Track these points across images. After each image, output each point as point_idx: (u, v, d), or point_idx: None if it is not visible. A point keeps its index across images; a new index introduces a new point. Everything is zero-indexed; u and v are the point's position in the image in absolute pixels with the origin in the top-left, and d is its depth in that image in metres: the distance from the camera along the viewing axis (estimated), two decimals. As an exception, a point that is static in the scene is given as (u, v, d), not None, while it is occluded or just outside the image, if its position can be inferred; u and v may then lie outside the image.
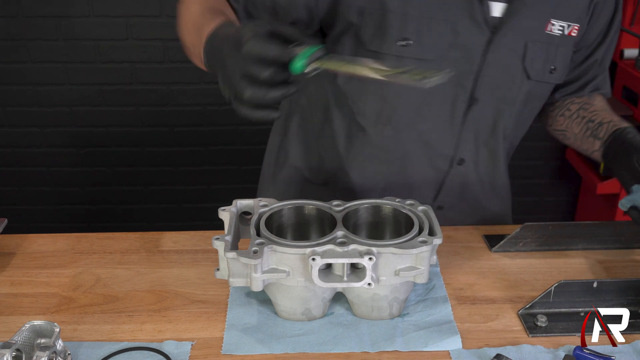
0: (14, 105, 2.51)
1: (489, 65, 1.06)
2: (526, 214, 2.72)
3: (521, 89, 1.10)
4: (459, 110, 1.09)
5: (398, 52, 1.03)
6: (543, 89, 1.14)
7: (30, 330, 0.79)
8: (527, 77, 1.09)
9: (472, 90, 1.08)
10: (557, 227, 1.08)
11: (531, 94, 1.12)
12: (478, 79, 1.07)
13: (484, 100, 1.09)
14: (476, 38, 1.04)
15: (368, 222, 0.97)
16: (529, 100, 1.13)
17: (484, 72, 1.07)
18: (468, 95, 1.08)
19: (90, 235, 1.14)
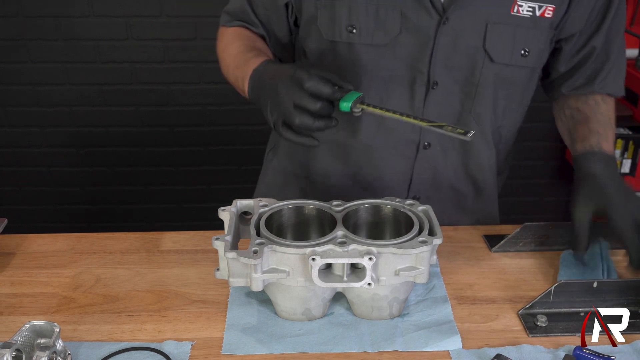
0: (14, 105, 2.51)
1: (443, 48, 1.06)
2: (526, 214, 2.72)
3: (485, 72, 1.08)
4: (419, 95, 1.09)
5: (348, 39, 1.06)
6: (518, 74, 1.11)
7: (30, 330, 0.79)
8: (490, 59, 1.07)
9: (429, 74, 1.08)
10: (557, 227, 1.08)
11: (501, 77, 1.10)
12: (433, 63, 1.07)
13: (445, 84, 1.09)
14: (425, 21, 1.04)
15: (368, 222, 0.97)
16: (501, 84, 1.10)
17: (439, 55, 1.06)
18: (425, 78, 1.08)
19: (90, 235, 1.14)
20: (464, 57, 1.07)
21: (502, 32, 1.05)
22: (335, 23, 1.07)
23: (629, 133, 2.20)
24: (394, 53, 1.07)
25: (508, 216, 2.86)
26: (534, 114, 2.58)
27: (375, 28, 1.05)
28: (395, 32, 1.05)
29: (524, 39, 1.07)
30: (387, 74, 1.08)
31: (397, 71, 1.08)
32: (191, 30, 2.39)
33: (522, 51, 1.08)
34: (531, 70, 1.12)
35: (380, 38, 1.06)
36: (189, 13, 2.35)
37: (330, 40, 1.09)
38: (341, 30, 1.07)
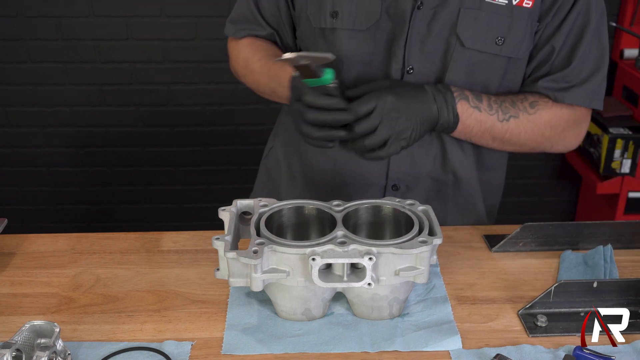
0: (14, 105, 2.51)
1: (418, 32, 1.07)
2: (526, 214, 2.72)
3: (457, 58, 1.08)
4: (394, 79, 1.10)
5: (332, 24, 1.09)
6: (492, 62, 1.10)
7: (30, 330, 0.79)
8: (461, 44, 1.07)
9: (404, 59, 1.09)
10: (557, 227, 1.08)
11: (474, 64, 1.09)
12: (408, 47, 1.08)
13: (420, 70, 1.09)
14: (403, 6, 1.06)
15: (368, 222, 0.97)
16: (474, 71, 1.10)
17: (413, 40, 1.07)
18: (401, 63, 1.09)
19: (90, 235, 1.14)
20: (438, 42, 1.08)
21: (475, 18, 1.06)
22: (321, 10, 1.10)
23: (629, 133, 2.19)
24: (373, 38, 1.08)
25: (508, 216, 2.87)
26: (534, 114, 2.58)
27: (357, 13, 1.08)
28: (376, 17, 1.07)
29: (499, 27, 1.07)
30: (367, 58, 1.10)
31: (375, 56, 1.10)
32: (191, 30, 2.39)
33: (496, 39, 1.07)
34: (508, 59, 1.10)
35: (362, 23, 1.08)
36: (189, 13, 2.35)
37: (318, 27, 1.12)
38: (326, 16, 1.09)
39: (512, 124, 1.09)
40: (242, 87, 1.58)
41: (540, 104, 1.12)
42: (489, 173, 1.25)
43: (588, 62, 1.11)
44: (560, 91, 1.11)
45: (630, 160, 2.22)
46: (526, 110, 1.10)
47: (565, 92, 1.11)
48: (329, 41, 1.11)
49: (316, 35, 1.13)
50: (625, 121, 2.25)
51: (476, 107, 1.07)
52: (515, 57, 1.10)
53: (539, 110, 1.11)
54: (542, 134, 1.13)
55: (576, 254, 1.05)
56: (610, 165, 2.24)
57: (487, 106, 1.08)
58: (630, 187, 2.27)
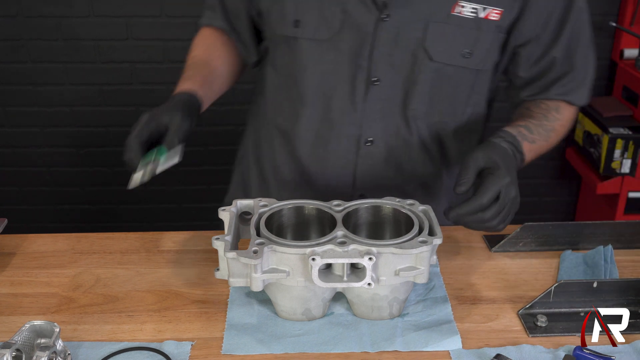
0: (14, 105, 2.51)
1: (384, 44, 1.07)
2: (526, 214, 2.70)
3: (425, 70, 1.08)
4: (360, 90, 1.10)
5: (294, 33, 1.09)
6: (459, 74, 1.10)
7: (30, 330, 0.79)
8: (429, 58, 1.07)
9: (369, 70, 1.09)
10: (557, 227, 1.08)
11: (442, 76, 1.09)
12: (373, 59, 1.08)
13: (387, 81, 1.09)
14: (366, 18, 1.06)
15: (368, 222, 0.97)
16: (440, 83, 1.10)
17: (379, 51, 1.07)
18: (366, 74, 1.09)
19: (90, 235, 1.14)
20: (405, 54, 1.08)
21: (442, 32, 1.06)
22: (284, 18, 1.10)
23: (629, 133, 2.19)
24: (335, 48, 1.08)
25: (508, 216, 2.85)
26: (534, 114, 2.58)
27: (318, 23, 1.07)
28: (336, 27, 1.07)
29: (466, 40, 1.07)
30: (329, 68, 1.10)
31: (338, 66, 1.10)
32: (191, 30, 2.35)
33: (463, 52, 1.08)
34: (475, 72, 1.12)
35: (323, 33, 1.08)
36: (189, 13, 2.35)
37: (280, 34, 1.12)
38: (288, 24, 1.09)
39: (553, 138, 1.15)
40: (242, 87, 1.58)
41: (562, 107, 1.16)
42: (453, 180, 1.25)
43: (589, 59, 1.16)
44: (572, 94, 1.16)
45: (630, 160, 2.22)
46: (557, 119, 1.15)
47: (576, 94, 1.16)
48: (291, 49, 1.11)
49: (279, 41, 1.14)
50: (625, 121, 2.25)
51: (533, 141, 1.10)
52: (482, 69, 1.12)
53: (564, 114, 1.17)
54: (565, 133, 1.20)
55: (576, 254, 1.06)
56: (610, 165, 2.24)
57: (538, 134, 1.11)
58: (630, 187, 2.27)
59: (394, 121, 1.13)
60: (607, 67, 2.48)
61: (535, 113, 1.14)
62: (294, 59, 1.12)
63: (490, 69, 1.15)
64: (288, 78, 1.15)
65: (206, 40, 1.24)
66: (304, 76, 1.12)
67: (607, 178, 2.28)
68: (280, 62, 1.16)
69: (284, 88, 1.17)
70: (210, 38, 1.24)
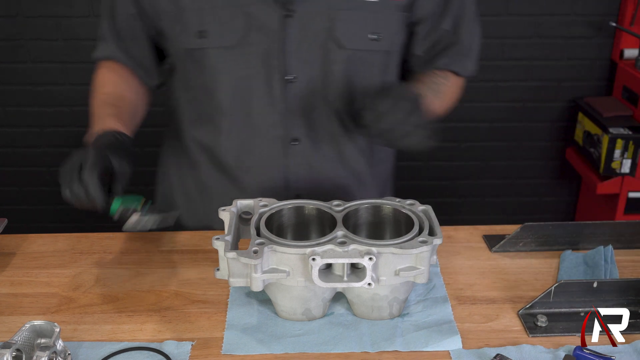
0: (14, 105, 2.50)
1: (293, 40, 1.07)
2: (526, 214, 2.72)
3: (337, 60, 1.09)
4: (277, 90, 1.10)
5: (200, 44, 1.08)
6: (371, 58, 1.12)
7: (30, 330, 0.79)
8: (339, 46, 1.08)
9: (282, 68, 1.08)
10: (557, 227, 1.08)
11: (354, 63, 1.10)
12: (285, 56, 1.07)
13: (302, 76, 1.09)
14: (270, 17, 1.05)
15: (368, 222, 0.97)
16: (355, 69, 1.11)
17: (290, 48, 1.07)
18: (280, 73, 1.09)
19: (90, 235, 1.14)
20: (316, 47, 1.08)
21: (349, 18, 1.06)
22: (187, 31, 1.08)
23: (629, 133, 2.19)
24: (245, 52, 1.08)
25: (508, 216, 2.87)
26: (534, 114, 2.59)
27: (223, 30, 1.06)
28: (242, 31, 1.06)
29: (374, 23, 1.08)
30: (243, 73, 1.09)
31: (252, 70, 1.09)
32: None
33: (372, 35, 1.09)
34: (385, 53, 1.13)
35: (230, 39, 1.07)
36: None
37: (186, 48, 1.10)
38: (193, 36, 1.08)
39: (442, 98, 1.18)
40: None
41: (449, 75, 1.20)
42: (380, 166, 1.27)
43: (474, 33, 1.19)
44: (457, 65, 1.19)
45: (630, 160, 2.22)
46: (443, 83, 1.19)
47: (461, 64, 1.20)
48: (200, 61, 1.09)
49: (183, 55, 1.11)
50: (625, 121, 2.25)
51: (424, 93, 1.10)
52: (391, 50, 1.13)
53: (449, 80, 1.20)
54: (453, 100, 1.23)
55: (576, 254, 1.06)
56: (610, 165, 2.24)
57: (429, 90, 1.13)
58: (630, 187, 2.27)
59: (316, 116, 1.13)
60: (607, 67, 2.48)
61: (423, 78, 1.18)
62: (204, 71, 1.10)
63: (398, 50, 1.16)
64: (201, 91, 1.13)
65: (111, 76, 1.18)
66: (218, 86, 1.11)
67: (607, 178, 2.28)
68: (191, 76, 1.13)
69: (199, 102, 1.16)
70: (112, 73, 1.19)
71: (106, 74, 1.19)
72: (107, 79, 1.18)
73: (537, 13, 2.38)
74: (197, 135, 1.18)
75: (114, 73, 1.19)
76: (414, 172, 2.63)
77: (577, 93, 2.51)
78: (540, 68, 2.47)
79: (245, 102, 1.11)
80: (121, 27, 1.15)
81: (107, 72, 1.19)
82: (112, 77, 1.18)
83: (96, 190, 0.88)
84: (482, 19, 1.20)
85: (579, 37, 2.43)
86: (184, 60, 1.12)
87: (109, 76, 1.18)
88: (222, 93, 1.11)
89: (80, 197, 0.89)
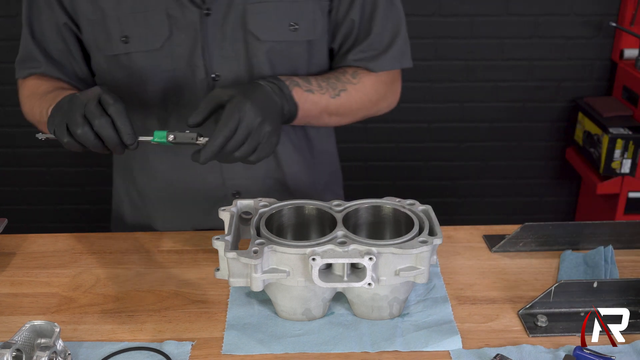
0: (14, 105, 2.49)
1: (213, 39, 1.07)
2: (526, 214, 2.72)
3: (258, 54, 1.09)
4: (201, 89, 1.10)
5: (125, 50, 1.08)
6: (292, 49, 1.11)
7: (30, 330, 0.79)
8: (257, 39, 1.08)
9: (206, 68, 1.08)
10: (557, 227, 1.08)
11: (276, 55, 1.10)
12: (207, 56, 1.07)
13: (226, 74, 1.09)
14: (190, 17, 1.06)
15: (368, 222, 0.97)
16: (278, 62, 1.10)
17: (211, 47, 1.07)
18: (204, 72, 1.09)
19: (90, 235, 1.14)
20: (236, 43, 1.08)
21: (263, 10, 1.06)
22: (110, 37, 1.08)
23: (629, 133, 2.19)
24: (170, 54, 1.08)
25: (508, 216, 2.86)
26: (534, 114, 2.59)
27: (146, 34, 1.06)
28: (165, 34, 1.06)
29: (289, 13, 1.08)
30: (169, 75, 1.09)
31: (177, 71, 1.09)
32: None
33: (289, 26, 1.08)
34: (307, 43, 1.12)
35: (154, 42, 1.07)
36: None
37: (110, 55, 1.09)
38: (117, 42, 1.07)
39: (343, 97, 1.12)
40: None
41: (360, 73, 1.15)
42: (321, 159, 1.27)
43: (387, 27, 1.15)
44: (370, 61, 1.15)
45: (630, 160, 2.22)
46: (350, 82, 1.14)
47: (375, 61, 1.15)
48: (124, 66, 1.10)
49: (110, 62, 1.11)
50: (625, 121, 2.25)
51: (309, 90, 1.07)
52: (313, 39, 1.12)
53: (362, 79, 1.15)
54: (370, 99, 1.17)
55: (576, 254, 1.06)
56: (610, 165, 2.24)
57: (318, 86, 1.09)
58: (630, 187, 2.27)
59: None
60: (607, 67, 2.48)
61: (327, 74, 1.14)
62: (132, 76, 1.10)
63: (323, 38, 1.14)
64: (129, 96, 1.12)
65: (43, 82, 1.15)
66: (146, 90, 1.11)
67: (607, 178, 2.28)
68: (118, 83, 1.13)
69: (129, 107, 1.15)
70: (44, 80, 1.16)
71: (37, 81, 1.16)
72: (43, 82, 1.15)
73: (537, 13, 2.38)
74: None
75: (47, 80, 1.15)
76: (414, 172, 2.63)
77: (577, 93, 2.51)
78: (540, 68, 2.47)
79: (174, 104, 1.12)
80: (49, 40, 1.15)
81: (38, 80, 1.16)
82: (47, 81, 1.15)
83: (126, 120, 0.87)
84: (482, 19, 1.19)
85: (579, 37, 2.43)
86: (110, 67, 1.12)
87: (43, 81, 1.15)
88: (150, 96, 1.11)
89: (106, 133, 0.86)
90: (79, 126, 0.86)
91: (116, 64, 1.10)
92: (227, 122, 0.89)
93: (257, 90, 0.98)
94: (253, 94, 0.96)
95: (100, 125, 0.86)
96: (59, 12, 1.11)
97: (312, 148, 1.24)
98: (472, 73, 2.47)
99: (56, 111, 0.92)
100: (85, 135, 0.86)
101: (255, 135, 0.92)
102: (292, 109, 1.04)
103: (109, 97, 0.88)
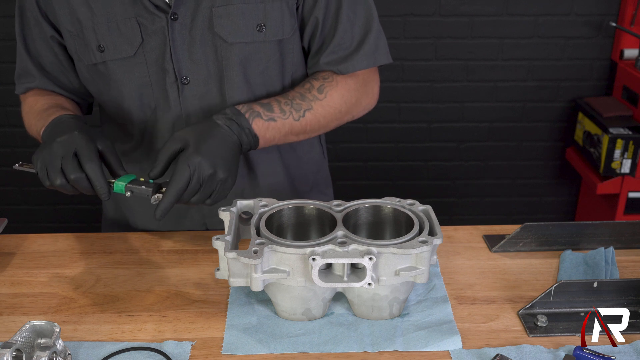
0: (14, 105, 2.50)
1: (182, 43, 1.07)
2: (526, 214, 2.72)
3: (228, 56, 1.09)
4: (172, 93, 1.10)
5: (102, 58, 1.09)
6: (262, 50, 1.10)
7: (30, 330, 0.79)
8: (224, 41, 1.08)
9: (176, 72, 1.09)
10: (557, 227, 1.08)
11: (247, 57, 1.09)
12: (175, 59, 1.08)
13: (196, 77, 1.10)
14: (158, 23, 1.06)
15: (368, 222, 0.97)
16: (250, 64, 1.10)
17: (179, 51, 1.08)
18: (173, 76, 1.09)
19: (90, 235, 1.14)
20: (204, 47, 1.08)
21: (228, 13, 1.06)
22: (88, 47, 1.09)
23: (629, 133, 2.19)
24: (144, 60, 1.09)
25: (508, 216, 2.87)
26: (534, 114, 2.59)
27: (120, 42, 1.07)
28: (138, 41, 1.07)
29: (255, 14, 1.07)
30: (144, 80, 1.10)
31: (151, 76, 1.10)
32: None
33: (257, 27, 1.08)
34: (277, 43, 1.11)
35: (128, 50, 1.08)
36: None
37: (90, 64, 1.11)
38: (94, 52, 1.09)
39: (308, 117, 1.11)
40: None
41: (326, 86, 1.13)
42: (307, 167, 1.27)
43: (356, 24, 1.12)
44: (342, 63, 1.12)
45: (630, 160, 2.22)
46: (316, 98, 1.12)
47: (347, 61, 1.12)
48: (103, 74, 1.11)
49: (90, 71, 1.13)
50: (625, 121, 2.25)
51: (270, 119, 1.06)
52: (282, 38, 1.11)
53: (328, 93, 1.12)
54: (340, 110, 1.14)
55: (576, 254, 1.06)
56: (610, 165, 2.24)
57: (280, 112, 1.08)
58: (630, 187, 2.27)
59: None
60: (607, 67, 2.48)
61: (292, 92, 1.13)
62: (110, 83, 1.11)
63: (293, 38, 1.13)
64: (110, 103, 1.15)
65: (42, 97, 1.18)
66: (124, 95, 1.12)
67: (607, 178, 2.28)
68: (102, 91, 1.15)
69: (112, 114, 1.18)
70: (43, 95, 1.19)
71: (34, 97, 1.19)
72: (39, 99, 1.17)
73: (537, 13, 2.38)
74: (117, 147, 1.18)
75: (45, 94, 1.19)
76: (414, 172, 2.63)
77: (577, 93, 2.51)
78: (540, 68, 2.47)
79: (150, 108, 1.13)
80: (41, 54, 1.17)
81: (35, 96, 1.19)
82: (43, 97, 1.18)
83: (100, 179, 0.95)
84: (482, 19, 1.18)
85: (579, 37, 2.43)
86: (92, 76, 1.14)
87: (39, 97, 1.18)
88: (128, 103, 1.12)
89: (82, 185, 0.95)
90: (57, 178, 0.94)
91: (96, 73, 1.12)
92: (179, 179, 0.93)
93: (212, 134, 0.99)
94: (205, 142, 0.97)
95: (76, 181, 0.95)
96: (46, 25, 1.14)
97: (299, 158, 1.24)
98: (472, 73, 2.47)
99: (38, 154, 0.97)
100: (63, 187, 0.96)
101: (208, 185, 0.95)
102: (252, 141, 1.05)
103: (85, 150, 0.94)
